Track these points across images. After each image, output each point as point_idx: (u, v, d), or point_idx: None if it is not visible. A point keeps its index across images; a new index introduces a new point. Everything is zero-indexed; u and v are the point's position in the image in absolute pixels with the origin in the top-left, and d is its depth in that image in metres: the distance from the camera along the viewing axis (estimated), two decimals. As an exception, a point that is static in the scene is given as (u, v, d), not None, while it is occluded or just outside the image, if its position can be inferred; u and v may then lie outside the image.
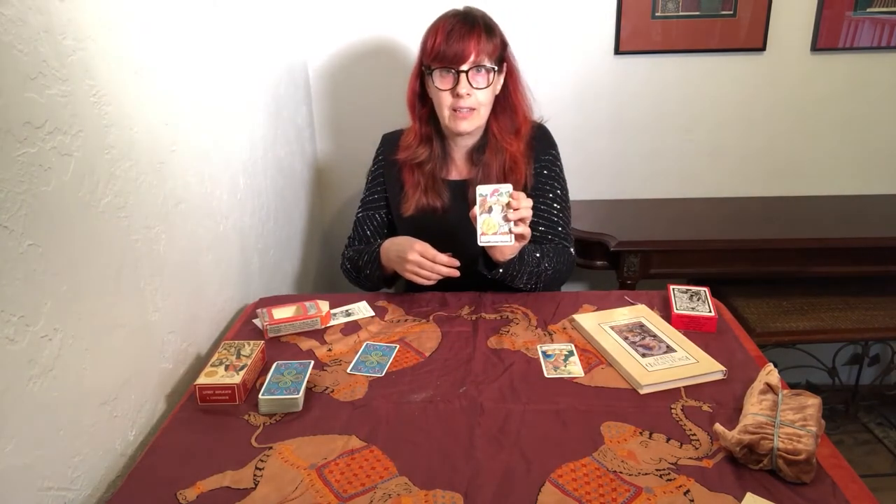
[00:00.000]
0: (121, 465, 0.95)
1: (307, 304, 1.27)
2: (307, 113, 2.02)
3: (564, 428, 0.93)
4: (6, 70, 0.72)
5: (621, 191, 2.14)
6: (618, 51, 1.96)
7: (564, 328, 1.23)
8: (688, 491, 0.81)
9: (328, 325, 1.26)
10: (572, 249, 1.44)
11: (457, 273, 1.29)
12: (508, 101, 1.40)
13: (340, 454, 0.89)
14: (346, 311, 1.31)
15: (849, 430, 2.20)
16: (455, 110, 1.33)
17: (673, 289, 1.30)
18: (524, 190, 1.37)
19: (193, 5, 1.20)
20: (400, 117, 2.07)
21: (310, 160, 2.05)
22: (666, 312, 1.25)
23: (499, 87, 1.38)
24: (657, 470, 0.85)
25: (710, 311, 1.22)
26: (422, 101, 1.42)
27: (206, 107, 1.26)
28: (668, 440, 0.90)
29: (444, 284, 1.36)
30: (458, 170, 1.45)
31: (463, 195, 1.39)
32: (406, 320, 1.28)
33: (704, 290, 1.29)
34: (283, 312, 1.24)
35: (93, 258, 0.88)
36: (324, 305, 1.26)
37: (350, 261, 1.48)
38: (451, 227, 1.39)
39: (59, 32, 0.81)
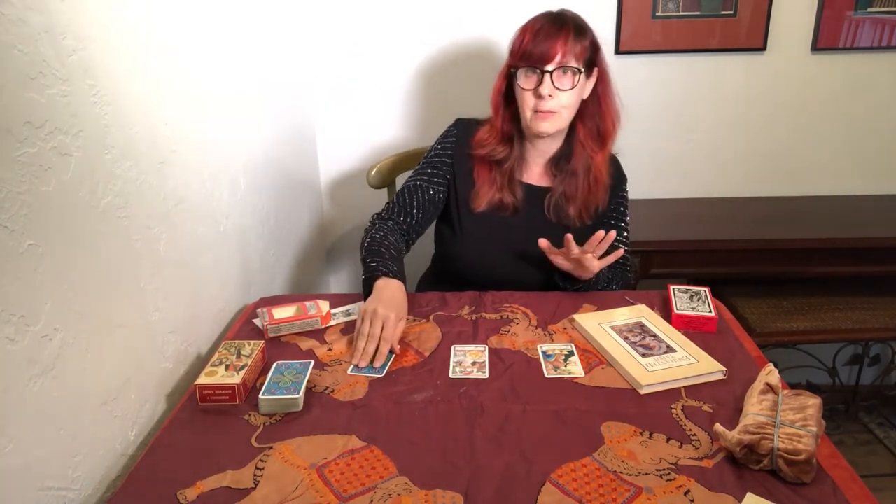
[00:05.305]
0: (121, 465, 0.95)
1: (307, 304, 1.27)
2: (308, 112, 2.02)
3: (564, 428, 0.93)
4: (6, 70, 0.72)
5: (621, 191, 2.14)
6: (618, 51, 1.96)
7: (564, 328, 1.23)
8: (688, 491, 0.81)
9: (328, 325, 1.25)
10: (632, 280, 1.55)
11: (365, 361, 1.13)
12: (597, 107, 1.37)
13: (340, 454, 0.89)
14: (346, 311, 1.31)
15: (849, 430, 2.20)
16: (537, 111, 1.30)
17: (673, 289, 1.30)
18: (594, 214, 1.41)
19: (194, 5, 1.20)
20: (401, 118, 2.09)
21: (310, 159, 2.05)
22: (666, 312, 1.25)
23: (587, 92, 1.34)
24: (657, 470, 0.85)
25: (711, 312, 1.22)
26: (506, 103, 1.38)
27: (206, 106, 1.26)
28: (668, 440, 0.90)
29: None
30: (532, 175, 1.43)
31: (536, 200, 1.38)
32: (406, 320, 1.27)
33: (705, 291, 1.29)
34: (283, 312, 1.24)
35: (93, 258, 0.88)
36: (324, 305, 1.26)
37: (368, 244, 1.33)
38: (518, 228, 1.39)
39: (59, 32, 0.81)
